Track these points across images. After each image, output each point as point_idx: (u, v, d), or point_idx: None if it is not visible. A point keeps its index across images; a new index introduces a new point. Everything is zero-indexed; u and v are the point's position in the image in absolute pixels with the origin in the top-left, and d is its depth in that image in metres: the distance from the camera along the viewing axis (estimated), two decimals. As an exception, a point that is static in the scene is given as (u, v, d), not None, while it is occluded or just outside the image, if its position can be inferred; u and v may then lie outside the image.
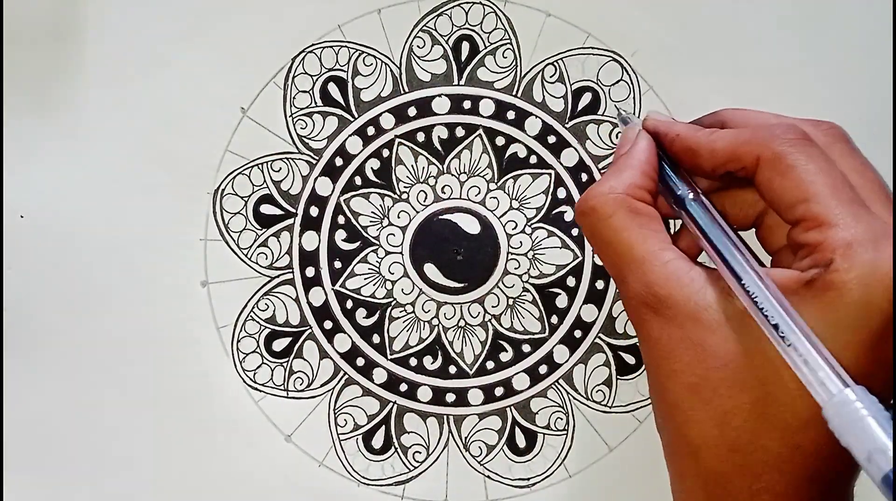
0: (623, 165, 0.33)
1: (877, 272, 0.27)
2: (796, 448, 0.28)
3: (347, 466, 0.39)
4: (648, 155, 0.33)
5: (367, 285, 0.39)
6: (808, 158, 0.29)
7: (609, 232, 0.31)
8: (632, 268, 0.31)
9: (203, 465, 0.39)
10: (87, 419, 0.39)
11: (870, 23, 0.38)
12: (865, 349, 0.27)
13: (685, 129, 0.33)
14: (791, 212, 0.29)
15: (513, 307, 0.39)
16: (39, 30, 0.39)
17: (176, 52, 0.39)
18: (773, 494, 0.29)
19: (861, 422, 0.25)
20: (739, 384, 0.29)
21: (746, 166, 0.30)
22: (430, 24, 0.39)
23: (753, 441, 0.29)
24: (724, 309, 0.29)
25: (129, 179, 0.39)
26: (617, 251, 0.31)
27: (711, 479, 0.29)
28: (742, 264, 0.29)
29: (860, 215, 0.28)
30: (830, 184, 0.29)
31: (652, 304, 0.30)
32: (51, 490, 0.39)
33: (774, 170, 0.30)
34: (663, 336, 0.30)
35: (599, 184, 0.32)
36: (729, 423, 0.29)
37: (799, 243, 0.29)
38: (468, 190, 0.39)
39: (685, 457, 0.30)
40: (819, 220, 0.28)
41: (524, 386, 0.39)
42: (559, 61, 0.39)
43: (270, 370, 0.39)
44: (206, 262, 0.39)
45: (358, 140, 0.39)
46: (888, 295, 0.27)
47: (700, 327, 0.29)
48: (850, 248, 0.27)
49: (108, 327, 0.39)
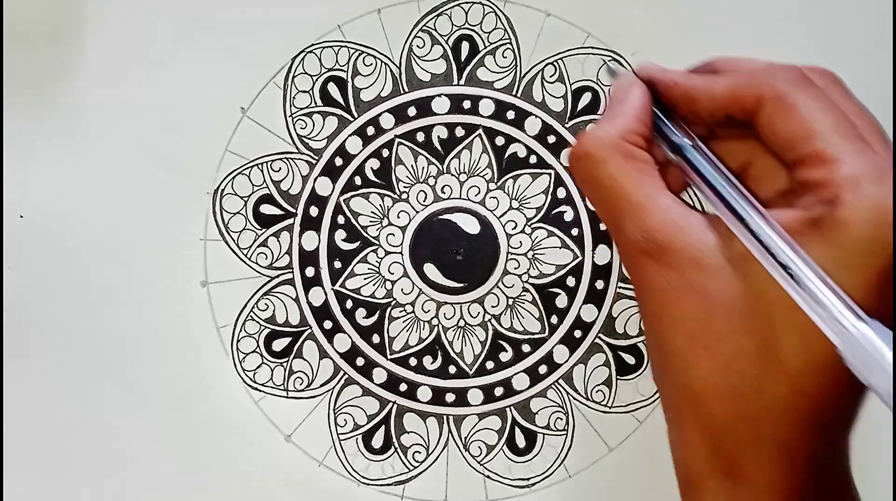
0: (617, 111, 0.32)
1: (885, 208, 0.27)
2: (801, 394, 0.28)
3: (347, 466, 0.39)
4: (643, 101, 0.33)
5: (366, 285, 0.39)
6: (811, 96, 0.29)
7: (604, 177, 0.31)
8: (629, 214, 0.30)
9: (203, 465, 0.39)
10: (87, 419, 0.39)
11: (870, 23, 0.38)
12: (874, 287, 0.27)
13: (682, 76, 0.33)
14: (794, 151, 0.29)
15: (513, 307, 0.39)
16: (39, 30, 0.39)
17: (176, 52, 0.39)
18: (776, 442, 0.28)
19: (883, 356, 0.25)
20: (743, 328, 0.28)
21: (747, 108, 0.30)
22: (429, 24, 0.39)
23: (757, 386, 0.28)
24: (725, 253, 0.29)
25: (129, 179, 0.39)
26: (613, 197, 0.31)
27: (713, 427, 0.29)
28: (745, 207, 0.29)
29: (865, 151, 0.28)
30: (834, 121, 0.28)
31: (650, 251, 0.29)
32: (51, 490, 0.39)
33: (777, 110, 0.29)
34: (663, 283, 0.29)
35: (593, 129, 0.32)
36: (732, 369, 0.28)
37: (802, 181, 0.29)
38: (468, 190, 0.39)
39: (686, 406, 0.30)
40: (824, 157, 0.28)
41: (524, 386, 0.39)
42: (559, 61, 0.39)
43: (270, 369, 0.39)
44: (206, 262, 0.39)
45: (358, 140, 0.39)
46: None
47: (701, 272, 0.29)
48: (857, 184, 0.27)
49: (108, 327, 0.39)
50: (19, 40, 0.39)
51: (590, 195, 0.32)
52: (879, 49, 0.38)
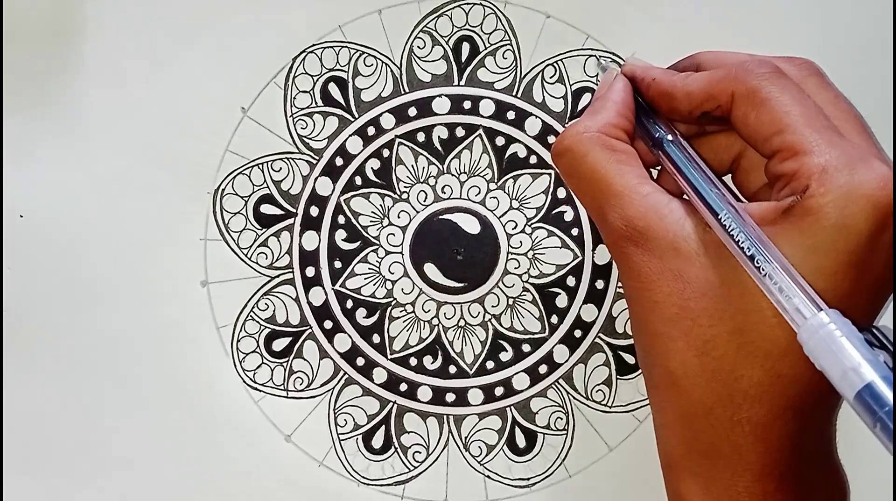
0: (598, 107, 0.33)
1: (852, 194, 0.27)
2: (777, 377, 0.28)
3: (347, 466, 0.39)
4: (624, 96, 0.33)
5: (367, 285, 0.39)
6: (782, 90, 0.30)
7: (586, 169, 0.32)
8: (611, 203, 0.31)
9: (203, 465, 0.39)
10: (86, 418, 0.39)
11: (870, 23, 0.38)
12: (845, 272, 0.28)
13: (661, 73, 0.33)
14: (767, 144, 0.30)
15: (513, 307, 0.39)
16: (39, 30, 0.39)
17: (176, 53, 0.39)
18: (754, 424, 0.29)
19: (834, 343, 0.26)
20: (719, 313, 0.29)
21: (722, 104, 0.31)
22: (430, 25, 0.39)
23: (734, 370, 0.29)
24: (702, 240, 0.30)
25: (129, 179, 0.39)
26: (595, 188, 0.31)
27: (692, 410, 0.30)
28: (714, 198, 0.30)
29: (834, 140, 0.28)
30: (804, 113, 0.29)
31: (632, 237, 0.30)
32: (51, 490, 0.39)
33: (749, 104, 0.30)
34: (643, 268, 0.30)
35: (574, 124, 0.33)
36: (709, 353, 0.29)
37: (776, 174, 0.29)
38: (468, 190, 0.39)
39: (666, 389, 0.30)
40: (794, 149, 0.29)
41: (524, 386, 0.39)
42: (559, 62, 0.39)
43: (270, 369, 0.39)
44: (206, 262, 0.39)
45: (358, 140, 0.39)
46: (865, 217, 0.27)
47: (679, 257, 0.29)
48: (825, 173, 0.28)
49: (108, 326, 0.39)
50: (19, 40, 0.39)
51: (573, 188, 0.33)
52: (879, 49, 0.38)
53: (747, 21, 0.38)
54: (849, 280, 0.28)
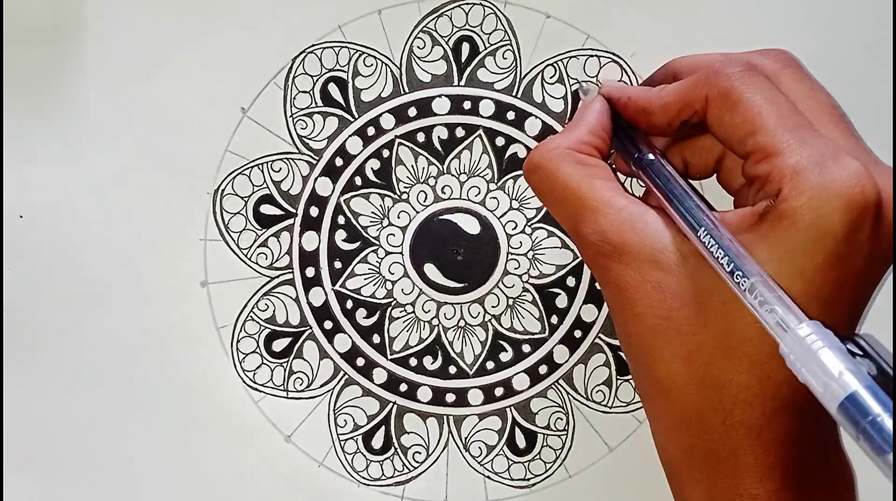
0: (571, 127, 0.33)
1: (824, 194, 0.27)
2: (766, 379, 0.28)
3: (347, 466, 0.39)
4: (599, 117, 0.33)
5: (367, 286, 0.39)
6: (755, 89, 0.29)
7: (558, 185, 0.32)
8: (585, 218, 0.31)
9: (203, 465, 0.39)
10: (86, 418, 0.39)
11: (870, 23, 0.38)
12: (825, 274, 0.27)
13: (636, 91, 0.33)
14: (742, 146, 0.30)
15: (513, 307, 0.39)
16: (39, 30, 0.39)
17: (176, 53, 0.39)
18: (749, 427, 0.29)
19: (815, 356, 0.25)
20: (702, 321, 0.29)
21: (697, 110, 0.31)
22: (430, 25, 0.39)
23: (722, 375, 0.29)
24: (681, 250, 0.29)
25: (128, 179, 0.39)
26: (568, 204, 0.31)
27: (685, 417, 0.29)
28: (693, 214, 0.29)
29: (806, 139, 0.28)
30: (776, 113, 0.29)
31: (607, 252, 0.30)
32: (51, 490, 0.39)
33: (723, 107, 0.30)
34: (622, 282, 0.30)
35: (544, 142, 0.33)
36: (695, 361, 0.29)
37: (751, 176, 0.29)
38: (468, 190, 0.39)
39: (657, 398, 0.30)
40: (766, 150, 0.28)
41: (524, 386, 0.39)
42: (559, 62, 0.39)
43: (270, 370, 0.39)
44: (206, 262, 0.39)
45: (358, 140, 0.39)
46: (839, 216, 0.27)
47: (658, 269, 0.29)
48: (796, 174, 0.27)
49: (108, 327, 0.39)
50: (19, 40, 0.39)
51: (547, 204, 0.33)
52: (879, 49, 0.38)
53: (747, 21, 0.38)
54: (829, 282, 0.28)
